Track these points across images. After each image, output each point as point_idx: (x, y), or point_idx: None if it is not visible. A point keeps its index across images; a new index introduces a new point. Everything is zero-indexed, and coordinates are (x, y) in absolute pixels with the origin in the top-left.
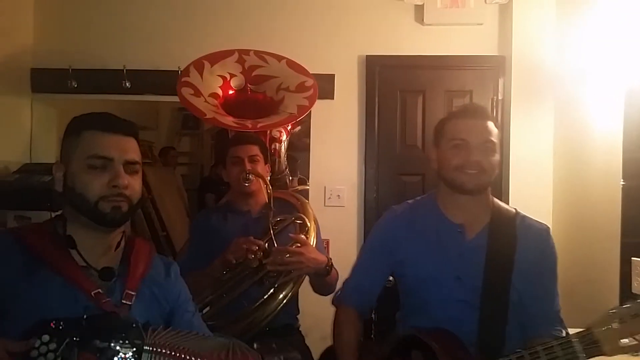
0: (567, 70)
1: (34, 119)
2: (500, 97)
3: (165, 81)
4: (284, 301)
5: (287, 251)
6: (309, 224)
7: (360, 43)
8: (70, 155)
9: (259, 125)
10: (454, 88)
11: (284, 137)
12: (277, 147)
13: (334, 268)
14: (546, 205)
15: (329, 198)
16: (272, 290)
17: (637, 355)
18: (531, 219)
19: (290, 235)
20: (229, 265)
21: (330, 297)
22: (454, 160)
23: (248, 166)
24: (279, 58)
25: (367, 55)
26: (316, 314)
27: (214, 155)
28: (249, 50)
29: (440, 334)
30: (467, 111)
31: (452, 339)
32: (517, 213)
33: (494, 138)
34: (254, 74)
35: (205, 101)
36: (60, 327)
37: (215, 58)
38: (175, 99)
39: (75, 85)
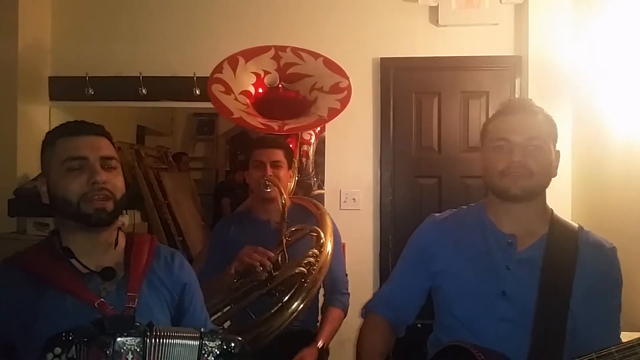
0: (585, 70)
1: (52, 127)
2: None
3: (181, 87)
4: (294, 314)
5: (298, 266)
6: (323, 237)
7: (375, 45)
8: (49, 166)
9: (286, 128)
10: (470, 89)
11: (313, 139)
12: (306, 149)
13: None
14: (565, 207)
15: (345, 201)
16: (280, 304)
17: None
18: (597, 235)
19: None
20: (236, 273)
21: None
22: (497, 164)
23: (269, 172)
24: (316, 56)
25: (381, 58)
26: None
27: (229, 160)
28: (286, 47)
29: (488, 352)
30: (509, 106)
31: (500, 358)
32: (580, 228)
33: (544, 135)
34: (288, 71)
35: (236, 99)
36: (70, 337)
37: (251, 54)
38: (190, 104)
39: (92, 93)
